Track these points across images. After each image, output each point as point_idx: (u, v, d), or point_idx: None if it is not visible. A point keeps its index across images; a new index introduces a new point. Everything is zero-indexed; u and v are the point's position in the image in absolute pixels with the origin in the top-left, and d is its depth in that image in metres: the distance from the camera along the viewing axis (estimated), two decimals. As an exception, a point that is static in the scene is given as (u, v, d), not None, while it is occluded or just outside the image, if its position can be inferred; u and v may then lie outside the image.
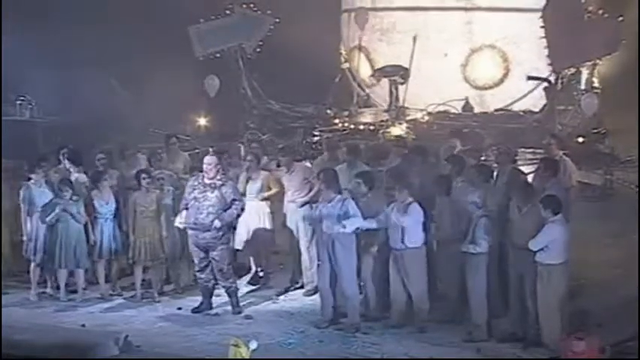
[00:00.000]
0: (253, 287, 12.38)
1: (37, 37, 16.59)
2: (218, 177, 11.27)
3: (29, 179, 12.24)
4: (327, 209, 10.81)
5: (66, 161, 12.74)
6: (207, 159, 11.44)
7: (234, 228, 11.76)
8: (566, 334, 9.62)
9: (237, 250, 12.38)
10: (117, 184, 12.53)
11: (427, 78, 17.76)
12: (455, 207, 10.83)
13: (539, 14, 17.02)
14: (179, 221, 11.57)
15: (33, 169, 12.32)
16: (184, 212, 11.40)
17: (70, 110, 17.32)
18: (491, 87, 18.07)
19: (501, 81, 18.03)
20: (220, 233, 11.24)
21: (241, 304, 11.58)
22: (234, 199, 11.31)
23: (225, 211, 11.21)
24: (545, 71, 17.38)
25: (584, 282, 11.11)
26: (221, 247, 11.28)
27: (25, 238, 12.13)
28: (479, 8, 17.96)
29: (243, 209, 11.67)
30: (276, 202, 12.49)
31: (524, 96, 17.70)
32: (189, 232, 11.40)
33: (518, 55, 17.78)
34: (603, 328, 10.07)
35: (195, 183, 11.36)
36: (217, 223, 11.12)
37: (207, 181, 11.26)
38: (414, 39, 17.89)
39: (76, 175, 12.51)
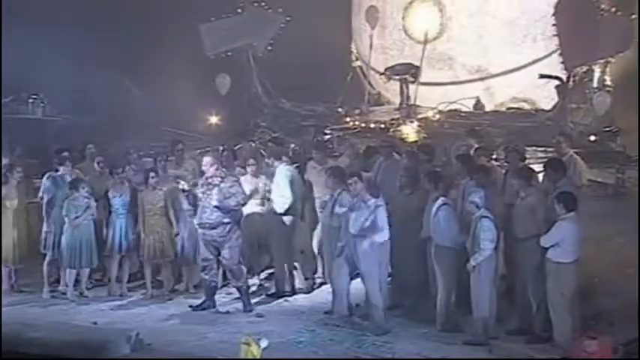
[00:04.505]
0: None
1: (49, 36, 16.61)
2: (217, 174, 11.39)
3: (57, 170, 12.37)
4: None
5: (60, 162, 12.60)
6: (204, 159, 11.72)
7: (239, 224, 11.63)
8: (578, 334, 9.60)
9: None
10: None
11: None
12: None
13: (557, 59, 16.94)
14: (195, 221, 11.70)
15: (63, 161, 12.41)
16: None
17: (82, 109, 17.35)
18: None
19: None
20: (227, 230, 11.31)
21: (252, 302, 11.60)
22: (233, 193, 11.36)
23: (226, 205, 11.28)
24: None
25: (596, 281, 11.06)
26: (229, 246, 11.32)
27: (45, 229, 12.18)
28: (493, 75, 17.94)
29: (244, 203, 11.64)
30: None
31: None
32: (199, 231, 11.51)
33: (542, 94, 17.67)
34: (616, 327, 10.05)
35: (201, 182, 11.57)
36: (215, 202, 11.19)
37: (208, 180, 11.43)
38: (425, 38, 17.90)
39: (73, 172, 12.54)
